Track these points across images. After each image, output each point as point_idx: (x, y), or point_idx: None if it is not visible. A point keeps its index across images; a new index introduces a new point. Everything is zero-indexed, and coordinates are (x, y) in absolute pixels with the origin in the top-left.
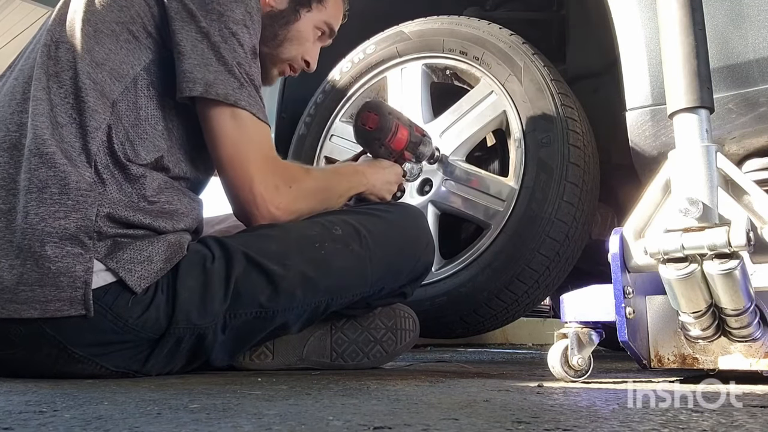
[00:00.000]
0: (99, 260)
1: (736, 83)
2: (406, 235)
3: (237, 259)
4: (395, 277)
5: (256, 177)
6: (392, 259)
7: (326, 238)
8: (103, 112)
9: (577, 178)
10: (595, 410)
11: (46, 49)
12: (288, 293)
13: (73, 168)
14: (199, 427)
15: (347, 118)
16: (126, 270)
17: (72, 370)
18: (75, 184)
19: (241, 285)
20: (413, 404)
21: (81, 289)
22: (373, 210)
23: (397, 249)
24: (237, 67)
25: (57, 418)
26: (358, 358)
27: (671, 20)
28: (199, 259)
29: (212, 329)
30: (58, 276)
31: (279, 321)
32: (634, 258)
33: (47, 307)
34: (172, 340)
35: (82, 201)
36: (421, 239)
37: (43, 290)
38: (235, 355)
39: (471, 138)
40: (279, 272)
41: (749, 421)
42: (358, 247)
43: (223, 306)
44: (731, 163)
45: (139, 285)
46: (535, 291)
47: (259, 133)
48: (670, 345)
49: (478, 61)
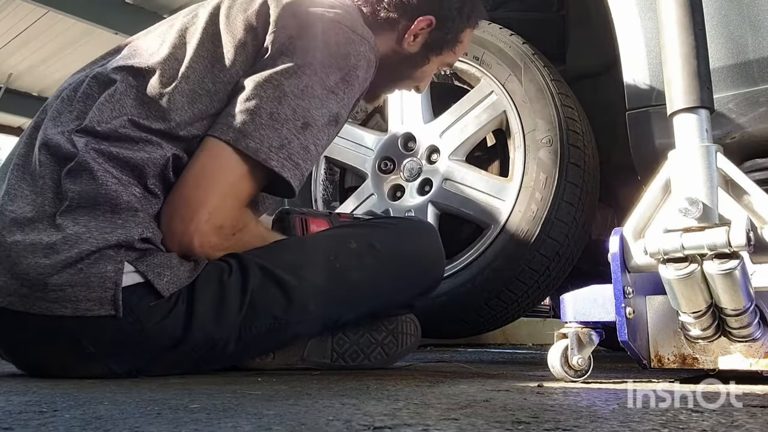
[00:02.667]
0: (129, 262)
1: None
2: (418, 249)
3: (253, 271)
4: (405, 291)
5: (208, 204)
6: (404, 272)
7: (341, 251)
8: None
9: (577, 178)
10: (595, 410)
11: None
12: (301, 305)
13: (135, 193)
14: (199, 427)
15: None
16: (155, 273)
17: (79, 367)
18: (127, 204)
19: (257, 297)
20: (413, 404)
21: (111, 289)
22: (387, 224)
23: (409, 263)
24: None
25: (57, 418)
26: (358, 360)
27: (671, 20)
28: (216, 271)
29: (226, 340)
30: (89, 276)
31: (291, 333)
32: (634, 258)
33: (78, 306)
34: (186, 348)
35: (130, 219)
36: (433, 253)
37: (74, 290)
38: (244, 360)
39: (471, 138)
40: (293, 283)
41: (749, 421)
42: (371, 261)
43: (238, 318)
44: (731, 163)
45: (167, 289)
46: (535, 291)
47: (245, 178)
48: (670, 345)
49: (478, 61)
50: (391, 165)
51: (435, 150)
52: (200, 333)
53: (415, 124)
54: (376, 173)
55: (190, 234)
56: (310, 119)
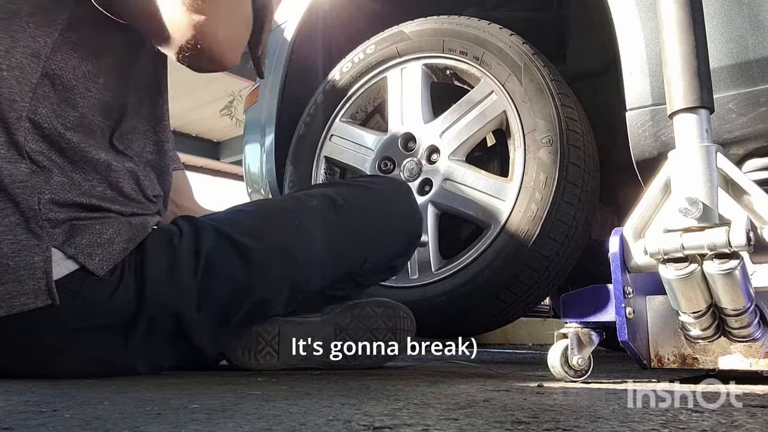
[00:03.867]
0: (57, 248)
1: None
2: (390, 206)
3: (206, 234)
4: (379, 249)
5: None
6: (375, 230)
7: (300, 208)
8: (21, 100)
9: (577, 178)
10: (595, 410)
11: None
12: (262, 267)
13: (5, 164)
14: (199, 427)
15: (347, 118)
16: (86, 255)
17: (54, 364)
18: (9, 179)
19: (213, 260)
20: (413, 404)
21: (42, 279)
22: (356, 182)
23: (381, 220)
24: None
25: (57, 418)
26: (360, 358)
27: (671, 20)
28: (166, 236)
29: (186, 307)
30: (17, 270)
31: (257, 296)
32: (634, 258)
33: (13, 303)
34: (146, 321)
35: (20, 194)
36: (407, 209)
37: (6, 287)
38: (223, 341)
39: (471, 138)
40: (251, 245)
41: (749, 421)
42: (334, 217)
43: (194, 282)
44: (731, 163)
45: (101, 268)
46: (535, 291)
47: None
48: (670, 345)
49: (478, 61)
50: (391, 165)
51: (435, 150)
52: (154, 300)
53: (415, 124)
54: (376, 173)
55: (193, 41)
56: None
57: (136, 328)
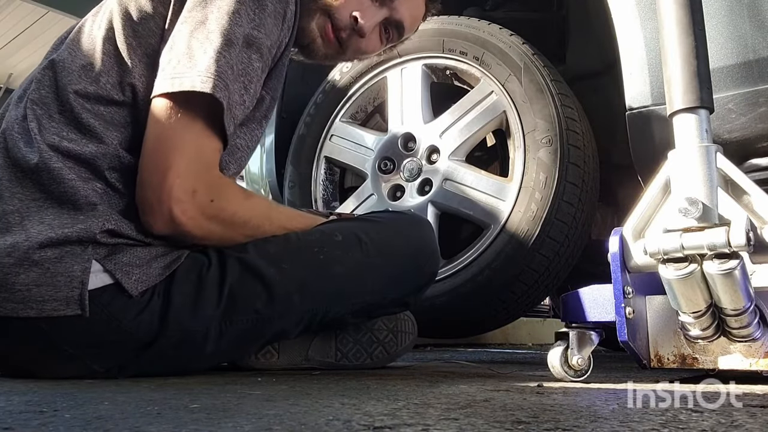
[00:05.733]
0: (97, 261)
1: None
2: (410, 243)
3: (231, 265)
4: (397, 286)
5: (174, 167)
6: (394, 267)
7: (325, 243)
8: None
9: (577, 178)
10: (595, 410)
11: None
12: (284, 298)
13: (80, 183)
14: (199, 427)
15: (347, 118)
16: (123, 272)
17: (60, 367)
18: (84, 200)
19: (236, 291)
20: (413, 404)
21: (77, 288)
22: (377, 218)
23: (400, 257)
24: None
25: (57, 418)
26: (361, 359)
27: (671, 20)
28: (196, 266)
29: (205, 335)
30: (55, 276)
31: (276, 327)
32: (634, 258)
33: (44, 306)
34: (165, 345)
35: (89, 216)
36: (426, 248)
37: (40, 290)
38: (236, 359)
39: (471, 138)
40: (274, 277)
41: (749, 421)
42: (358, 254)
43: (216, 312)
44: (731, 163)
45: (135, 288)
46: (535, 291)
47: (206, 135)
48: (670, 345)
49: (478, 62)
50: (391, 165)
51: (435, 150)
52: (176, 326)
53: (415, 124)
54: (376, 173)
55: (166, 202)
56: (225, 36)
57: (153, 347)
